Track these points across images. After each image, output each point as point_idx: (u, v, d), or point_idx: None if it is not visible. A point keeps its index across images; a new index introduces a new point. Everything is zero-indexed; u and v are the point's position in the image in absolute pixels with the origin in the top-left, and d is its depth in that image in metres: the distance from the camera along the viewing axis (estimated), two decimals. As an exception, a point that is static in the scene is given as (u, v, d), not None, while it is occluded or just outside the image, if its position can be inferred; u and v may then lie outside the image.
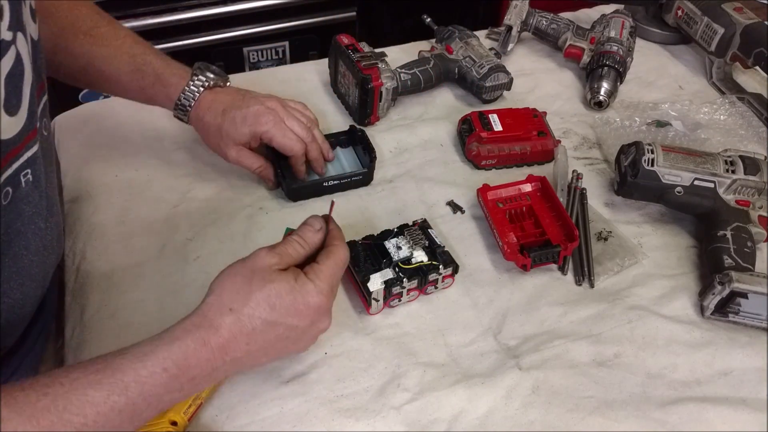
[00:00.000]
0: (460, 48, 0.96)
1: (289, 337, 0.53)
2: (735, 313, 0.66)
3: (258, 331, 0.51)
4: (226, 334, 0.49)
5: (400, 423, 0.58)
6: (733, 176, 0.74)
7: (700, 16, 1.02)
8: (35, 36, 0.50)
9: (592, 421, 0.59)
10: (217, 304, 0.51)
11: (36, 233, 0.52)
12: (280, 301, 0.51)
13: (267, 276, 0.52)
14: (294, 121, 0.74)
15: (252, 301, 0.51)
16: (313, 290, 0.52)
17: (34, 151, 0.49)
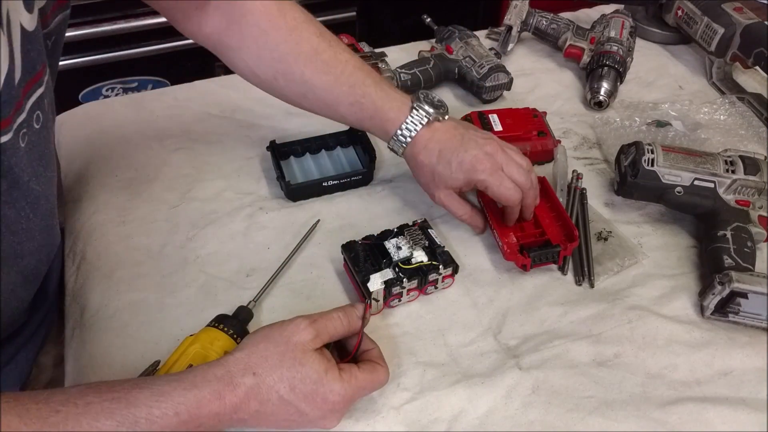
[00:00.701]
0: (460, 48, 0.96)
1: (296, 420, 0.53)
2: (735, 313, 0.66)
3: (271, 404, 0.51)
4: (242, 395, 0.50)
5: (400, 423, 0.58)
6: (733, 176, 0.74)
7: (700, 16, 1.02)
8: (29, 26, 0.49)
9: (592, 421, 0.59)
10: (243, 362, 0.51)
11: (14, 221, 0.52)
12: (302, 387, 0.51)
13: (299, 356, 0.52)
14: (513, 168, 0.69)
15: (276, 375, 0.51)
16: (337, 390, 0.52)
17: (2, 141, 0.48)
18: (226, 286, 0.69)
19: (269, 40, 0.68)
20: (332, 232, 0.75)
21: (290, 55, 0.68)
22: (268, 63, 0.69)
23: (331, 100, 0.71)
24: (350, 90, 0.70)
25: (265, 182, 0.81)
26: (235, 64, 0.72)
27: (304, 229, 0.74)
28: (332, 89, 0.70)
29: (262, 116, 0.90)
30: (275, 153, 0.80)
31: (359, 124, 0.73)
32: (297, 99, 0.73)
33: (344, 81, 0.70)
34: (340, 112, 0.72)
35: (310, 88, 0.70)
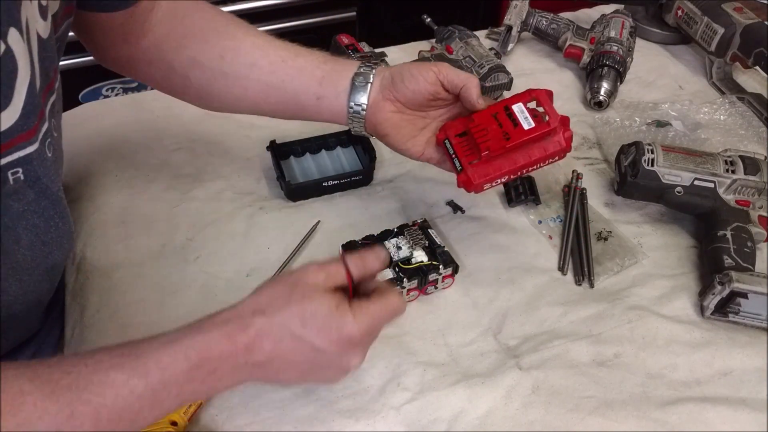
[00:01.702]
0: (460, 48, 0.96)
1: (315, 360, 0.50)
2: (735, 313, 0.66)
3: (284, 343, 0.49)
4: (253, 334, 0.48)
5: (400, 423, 0.58)
6: (733, 176, 0.74)
7: (700, 16, 1.02)
8: (44, 34, 0.49)
9: (592, 421, 0.59)
10: (252, 304, 0.50)
11: (29, 229, 0.52)
12: (313, 320, 0.49)
13: (308, 292, 0.50)
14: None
15: (286, 312, 0.49)
16: (350, 322, 0.50)
17: (29, 152, 0.48)
18: (226, 286, 0.69)
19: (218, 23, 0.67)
20: (332, 233, 0.75)
21: (240, 31, 0.67)
22: (215, 42, 0.66)
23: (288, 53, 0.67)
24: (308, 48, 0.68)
25: (265, 182, 0.81)
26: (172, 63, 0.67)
27: (304, 229, 0.74)
28: (289, 46, 0.68)
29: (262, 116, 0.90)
30: (275, 153, 0.80)
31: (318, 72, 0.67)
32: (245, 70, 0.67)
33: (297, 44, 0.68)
34: (297, 62, 0.66)
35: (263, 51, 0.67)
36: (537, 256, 0.74)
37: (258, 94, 0.68)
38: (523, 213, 0.79)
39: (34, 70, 0.47)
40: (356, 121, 0.67)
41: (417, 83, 0.64)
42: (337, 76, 0.66)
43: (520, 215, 0.79)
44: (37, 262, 0.54)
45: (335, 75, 0.66)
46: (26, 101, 0.46)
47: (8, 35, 0.43)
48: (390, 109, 0.65)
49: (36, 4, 0.47)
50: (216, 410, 0.58)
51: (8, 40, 0.43)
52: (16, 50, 0.44)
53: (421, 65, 0.65)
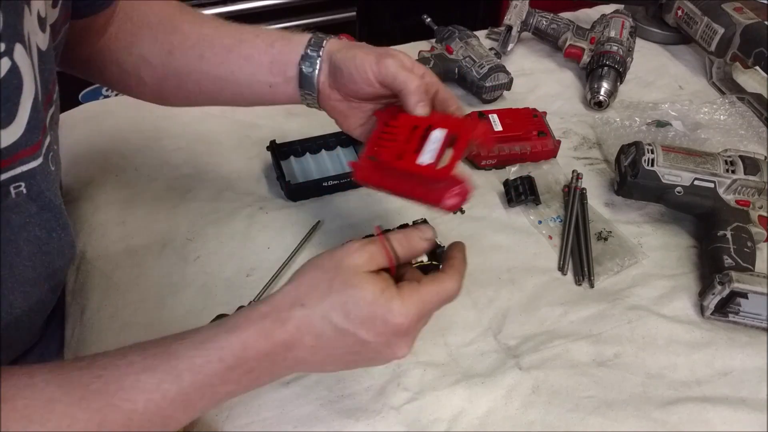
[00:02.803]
0: (460, 48, 0.96)
1: (360, 352, 0.47)
2: (735, 313, 0.66)
3: (326, 336, 0.46)
4: (292, 330, 0.45)
5: (400, 423, 0.58)
6: (733, 176, 0.74)
7: (700, 16, 1.02)
8: (43, 46, 0.48)
9: (592, 421, 0.59)
10: (291, 295, 0.46)
11: (30, 241, 0.51)
12: (356, 311, 0.45)
13: (350, 279, 0.46)
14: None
15: (327, 302, 0.45)
16: (397, 309, 0.45)
17: (33, 167, 0.47)
18: (226, 286, 0.69)
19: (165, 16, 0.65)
20: (332, 233, 0.75)
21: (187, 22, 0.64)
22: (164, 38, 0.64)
23: (234, 39, 0.64)
24: (255, 28, 0.64)
25: (265, 182, 0.81)
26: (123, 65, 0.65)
27: (304, 229, 0.74)
28: (234, 31, 0.64)
29: (262, 116, 0.90)
30: (275, 153, 0.80)
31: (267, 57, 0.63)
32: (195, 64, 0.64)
33: (247, 26, 0.65)
34: (243, 49, 0.63)
35: (209, 41, 0.64)
36: (537, 256, 0.74)
37: (211, 88, 0.65)
38: (523, 213, 0.79)
39: (37, 84, 0.46)
40: (311, 104, 0.64)
41: (355, 83, 0.58)
42: (285, 60, 0.62)
43: (520, 215, 0.79)
44: (39, 272, 0.54)
45: (283, 59, 0.62)
46: (30, 116, 0.45)
47: (14, 51, 0.42)
48: (336, 97, 0.62)
49: (35, 16, 0.47)
50: (216, 410, 0.58)
51: (15, 57, 0.42)
52: (21, 66, 0.43)
53: (364, 57, 0.57)
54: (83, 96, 1.48)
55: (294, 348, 0.46)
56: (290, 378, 0.60)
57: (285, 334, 0.45)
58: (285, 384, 0.60)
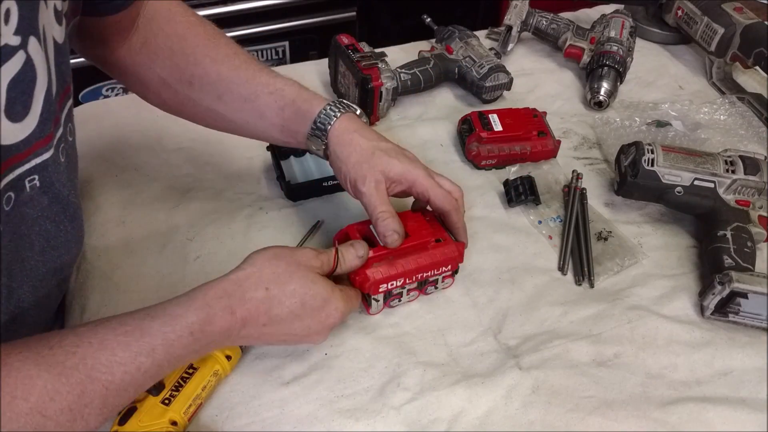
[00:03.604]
0: (460, 48, 0.96)
1: (296, 334, 0.56)
2: (735, 313, 0.66)
3: (279, 319, 0.54)
4: (252, 309, 0.52)
5: (400, 423, 0.58)
6: (733, 176, 0.74)
7: (700, 16, 1.02)
8: (60, 39, 0.49)
9: (592, 421, 0.59)
10: (255, 277, 0.53)
11: (40, 234, 0.52)
12: (312, 302, 0.55)
13: (310, 276, 0.55)
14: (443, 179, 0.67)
15: (288, 291, 0.54)
16: (340, 308, 0.57)
17: (45, 158, 0.48)
18: (226, 286, 0.69)
19: (187, 45, 0.66)
20: (332, 232, 0.75)
21: (208, 57, 0.66)
22: (184, 68, 0.65)
23: (249, 92, 0.65)
24: (271, 80, 0.66)
25: (265, 182, 0.81)
26: (144, 80, 0.67)
27: (304, 229, 0.74)
28: (251, 80, 0.65)
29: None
30: (275, 153, 0.80)
31: (278, 120, 0.65)
32: (212, 103, 0.66)
33: (264, 74, 0.66)
34: (258, 105, 0.65)
35: (227, 85, 0.65)
36: (537, 256, 0.74)
37: (227, 126, 0.70)
38: (523, 213, 0.79)
39: (51, 76, 0.47)
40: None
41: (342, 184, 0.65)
42: (294, 129, 0.65)
43: (520, 215, 0.79)
44: (48, 267, 0.54)
45: (293, 128, 0.65)
46: (43, 108, 0.46)
47: (29, 45, 0.43)
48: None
49: (52, 9, 0.47)
50: (216, 410, 0.58)
51: (29, 50, 0.43)
52: (35, 59, 0.44)
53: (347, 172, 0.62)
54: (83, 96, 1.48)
55: (249, 324, 0.52)
56: (290, 378, 0.60)
57: (245, 312, 0.52)
58: (285, 384, 0.60)
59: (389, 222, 0.60)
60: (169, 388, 0.54)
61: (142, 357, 0.47)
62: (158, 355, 0.47)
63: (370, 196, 0.61)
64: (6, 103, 0.42)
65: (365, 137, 0.64)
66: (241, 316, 0.52)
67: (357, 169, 0.62)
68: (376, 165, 0.62)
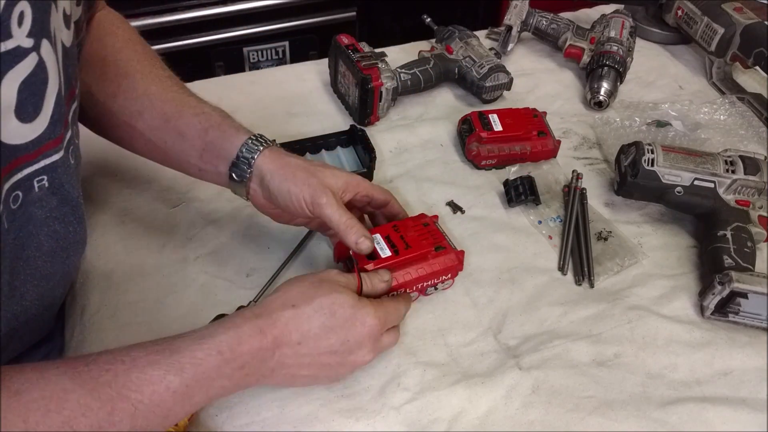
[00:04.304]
0: (460, 48, 0.96)
1: (337, 352, 0.54)
2: (735, 313, 0.66)
3: (312, 334, 0.52)
4: (282, 327, 0.51)
5: (400, 423, 0.58)
6: (733, 176, 0.74)
7: (700, 16, 1.02)
8: (67, 43, 0.50)
9: (592, 421, 0.59)
10: (281, 300, 0.53)
11: (50, 235, 0.52)
12: (342, 311, 0.53)
13: (335, 287, 0.55)
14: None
15: (315, 303, 0.53)
16: (372, 313, 0.55)
17: (55, 160, 0.48)
18: (226, 286, 0.69)
19: (121, 58, 0.64)
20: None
21: (139, 73, 0.64)
22: (113, 78, 0.63)
23: (173, 110, 0.63)
24: (199, 104, 0.64)
25: (265, 182, 0.81)
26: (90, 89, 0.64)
27: (304, 229, 0.74)
28: (177, 100, 0.64)
29: (262, 116, 0.90)
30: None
31: (199, 142, 0.63)
32: (131, 118, 0.63)
33: (193, 99, 0.65)
34: (180, 125, 0.63)
35: (151, 101, 0.63)
36: (537, 256, 0.74)
37: (142, 146, 0.66)
38: (523, 213, 0.79)
39: (60, 79, 0.48)
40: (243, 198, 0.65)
41: (290, 212, 0.62)
42: (216, 153, 0.63)
43: (520, 215, 0.79)
44: (57, 268, 0.55)
45: (215, 152, 0.63)
46: (54, 110, 0.46)
47: (41, 47, 0.44)
48: (269, 206, 0.65)
49: (61, 14, 0.48)
50: (216, 410, 0.58)
51: (41, 52, 0.44)
52: (48, 62, 0.45)
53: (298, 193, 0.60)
54: (83, 96, 1.48)
55: (282, 345, 0.51)
56: (290, 378, 0.60)
57: (276, 330, 0.51)
58: (285, 384, 0.60)
59: (357, 228, 0.60)
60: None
61: (170, 375, 0.46)
62: (186, 375, 0.46)
63: (331, 206, 0.60)
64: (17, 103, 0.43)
65: (296, 159, 0.63)
66: (272, 335, 0.51)
67: (308, 185, 0.60)
68: (321, 180, 0.61)
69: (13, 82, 0.42)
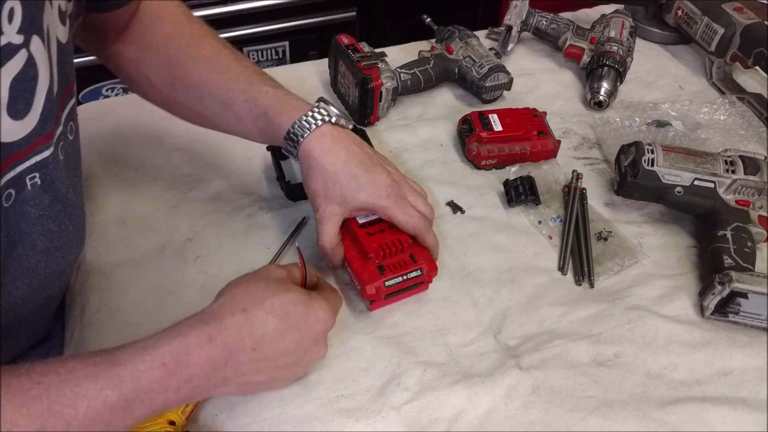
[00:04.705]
0: (460, 48, 0.96)
1: (293, 352, 0.52)
2: (735, 313, 0.66)
3: (267, 338, 0.50)
4: (233, 334, 0.48)
5: (400, 423, 0.58)
6: (733, 176, 0.74)
7: (700, 16, 1.02)
8: (63, 39, 0.49)
9: (592, 421, 0.59)
10: (229, 304, 0.50)
11: (44, 234, 0.52)
12: (294, 310, 0.51)
13: (283, 285, 0.53)
14: (417, 197, 0.67)
15: (266, 305, 0.50)
16: (324, 307, 0.53)
17: (45, 156, 0.48)
18: (226, 286, 0.69)
19: (171, 45, 0.66)
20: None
21: (189, 60, 0.65)
22: (167, 70, 0.65)
23: (227, 97, 0.65)
24: (247, 86, 0.64)
25: (265, 182, 0.81)
26: (131, 76, 0.68)
27: (304, 229, 0.74)
28: (228, 86, 0.65)
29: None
30: (275, 153, 0.80)
31: (255, 128, 0.65)
32: (194, 105, 0.67)
33: (242, 79, 0.65)
34: (235, 111, 0.65)
35: (207, 88, 0.65)
36: (537, 256, 0.74)
37: (213, 127, 0.70)
38: (523, 213, 0.79)
39: (53, 75, 0.48)
40: None
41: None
42: (271, 137, 0.65)
43: (520, 215, 0.79)
44: (51, 268, 0.54)
45: (270, 136, 0.65)
46: (44, 107, 0.46)
47: (31, 43, 0.43)
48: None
49: (56, 9, 0.48)
50: (216, 410, 0.58)
51: (31, 48, 0.44)
52: (37, 58, 0.44)
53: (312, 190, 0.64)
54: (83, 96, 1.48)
55: (234, 352, 0.48)
56: (290, 378, 0.60)
57: (227, 337, 0.48)
58: (285, 384, 0.60)
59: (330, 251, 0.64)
60: (168, 389, 0.53)
61: (108, 389, 0.42)
62: (126, 388, 0.43)
63: (322, 224, 0.64)
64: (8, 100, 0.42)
65: (332, 160, 0.62)
66: (223, 343, 0.47)
67: (315, 195, 0.63)
68: (337, 195, 0.62)
69: (5, 79, 0.42)
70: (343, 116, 0.65)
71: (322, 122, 0.62)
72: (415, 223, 0.64)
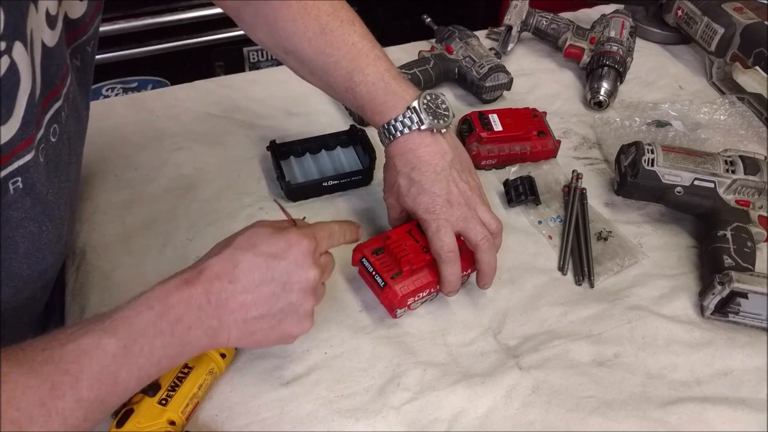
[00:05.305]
0: (460, 48, 0.96)
1: (275, 278, 0.52)
2: (735, 313, 0.66)
3: (241, 270, 0.51)
4: (208, 272, 0.51)
5: (400, 423, 0.58)
6: (733, 176, 0.74)
7: (700, 16, 1.02)
8: (50, 43, 0.49)
9: (592, 421, 0.59)
10: (200, 261, 0.53)
11: (26, 237, 0.52)
12: (262, 239, 0.52)
13: (253, 223, 0.55)
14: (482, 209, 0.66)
15: (234, 243, 0.53)
16: (294, 230, 0.54)
17: (27, 160, 0.48)
18: (226, 286, 0.69)
19: (278, 18, 0.66)
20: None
21: (296, 35, 0.66)
22: (277, 41, 0.68)
23: (330, 81, 0.68)
24: (347, 76, 0.66)
25: (265, 182, 0.81)
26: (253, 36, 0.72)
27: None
28: (330, 72, 0.67)
29: (262, 116, 0.90)
30: (275, 153, 0.80)
31: (357, 112, 0.70)
32: (306, 76, 0.71)
33: (343, 65, 0.66)
34: (338, 95, 0.69)
35: (312, 68, 0.68)
36: (537, 256, 0.74)
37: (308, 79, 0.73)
38: (523, 213, 0.79)
39: (35, 80, 0.48)
40: None
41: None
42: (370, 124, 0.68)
43: (520, 215, 0.79)
44: (33, 269, 0.54)
45: (368, 122, 0.68)
46: (26, 111, 0.46)
47: (13, 49, 0.43)
48: None
49: (43, 14, 0.48)
50: (216, 410, 0.58)
51: (13, 54, 0.44)
52: (19, 63, 0.44)
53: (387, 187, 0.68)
54: (83, 96, 1.48)
55: (214, 289, 0.50)
56: (290, 378, 0.60)
57: (203, 277, 0.50)
58: (285, 384, 0.60)
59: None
60: (166, 389, 0.54)
61: (105, 338, 0.45)
62: (121, 334, 0.46)
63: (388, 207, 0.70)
64: None
65: (402, 164, 0.65)
66: (200, 282, 0.50)
67: (385, 182, 0.69)
68: (395, 193, 0.67)
69: None
70: (435, 122, 0.64)
71: (408, 131, 0.64)
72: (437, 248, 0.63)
